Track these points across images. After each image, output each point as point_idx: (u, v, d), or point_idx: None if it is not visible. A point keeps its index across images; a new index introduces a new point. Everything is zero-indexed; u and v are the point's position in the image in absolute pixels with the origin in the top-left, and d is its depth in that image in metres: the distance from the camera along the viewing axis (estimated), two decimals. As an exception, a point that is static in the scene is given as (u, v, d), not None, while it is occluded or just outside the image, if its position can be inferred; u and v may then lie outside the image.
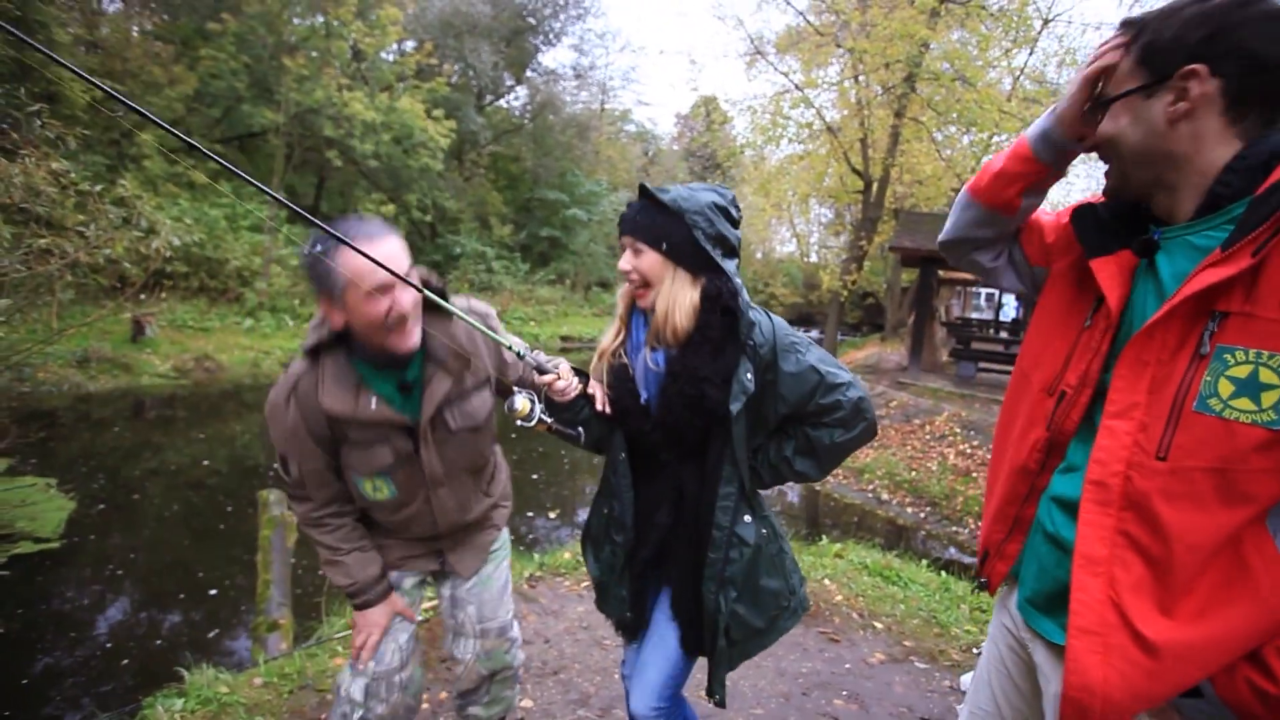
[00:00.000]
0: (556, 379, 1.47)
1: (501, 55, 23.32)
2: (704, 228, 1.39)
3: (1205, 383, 0.85)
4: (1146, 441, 0.89)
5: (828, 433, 1.47)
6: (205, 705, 2.37)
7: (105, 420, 9.27)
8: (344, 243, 1.27)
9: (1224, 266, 0.83)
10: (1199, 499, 0.86)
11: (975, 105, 11.72)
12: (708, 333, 1.40)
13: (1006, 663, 1.20)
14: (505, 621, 1.89)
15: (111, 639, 4.15)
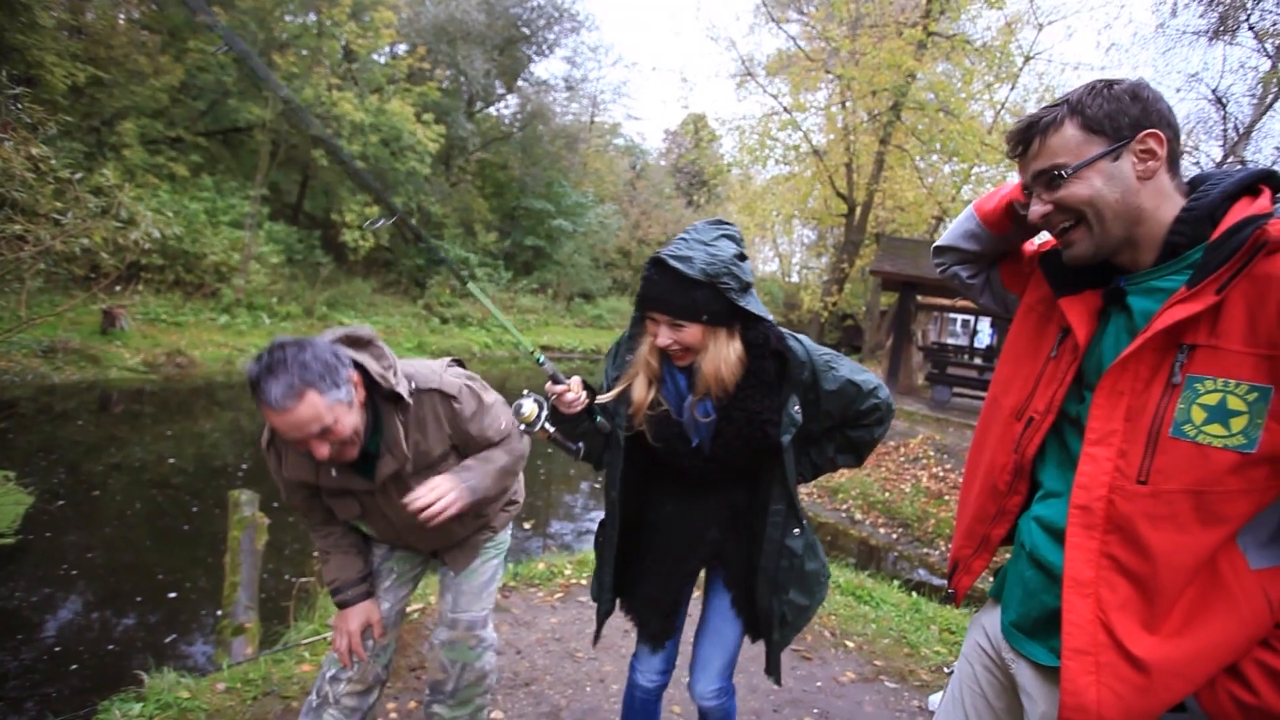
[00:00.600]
0: (567, 390, 1.53)
1: (494, 63, 23.37)
2: (733, 286, 1.44)
3: (1179, 410, 0.91)
4: (1127, 467, 0.95)
5: (866, 431, 1.63)
6: (164, 710, 2.30)
7: (69, 413, 9.01)
8: (262, 402, 1.42)
9: (1190, 303, 0.90)
10: (1179, 520, 0.92)
11: (958, 136, 12.01)
12: (762, 377, 1.50)
13: (981, 682, 1.22)
14: (476, 618, 1.94)
15: (61, 640, 4.01)
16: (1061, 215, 1.03)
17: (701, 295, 1.43)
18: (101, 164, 6.37)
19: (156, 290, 13.68)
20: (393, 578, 1.94)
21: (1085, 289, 1.10)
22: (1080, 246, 1.04)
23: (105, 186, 4.98)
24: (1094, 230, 1.01)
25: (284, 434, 1.44)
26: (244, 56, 1.33)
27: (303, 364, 1.42)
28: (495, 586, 2.02)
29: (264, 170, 16.26)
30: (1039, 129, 1.03)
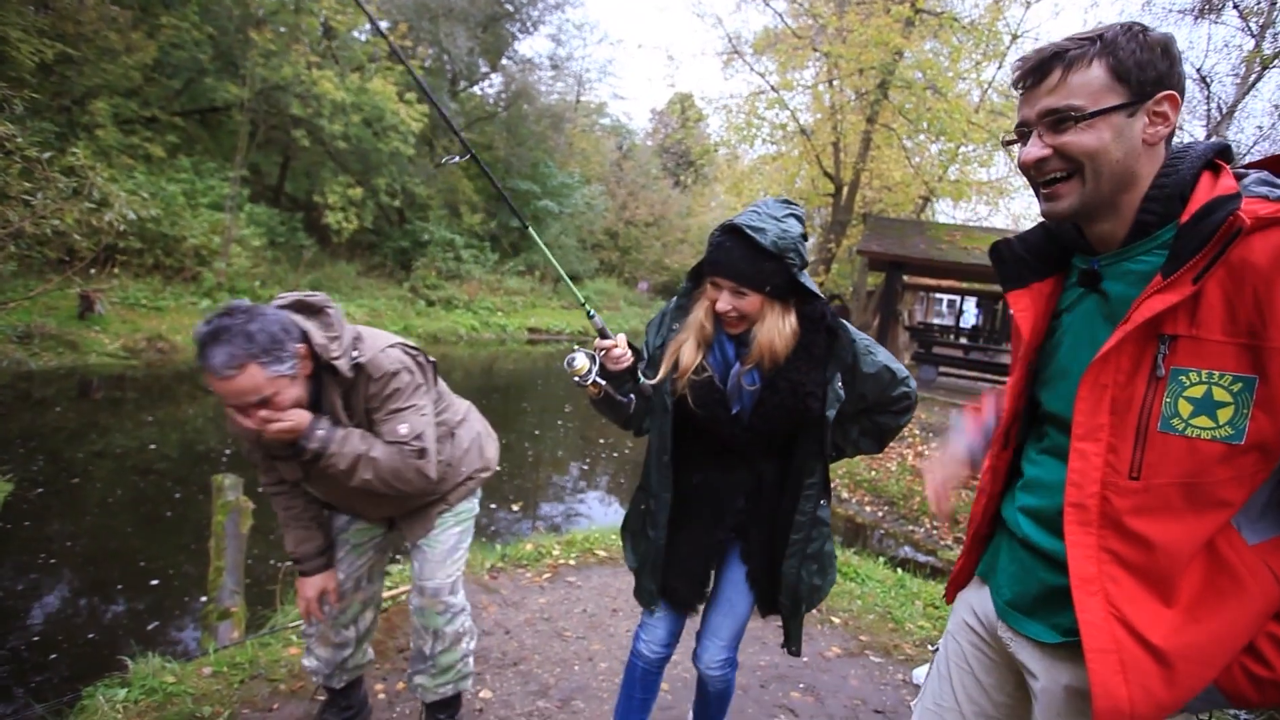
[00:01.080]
0: (614, 345, 1.58)
1: (477, 41, 22.95)
2: (798, 263, 1.53)
3: (1166, 404, 0.90)
4: (1118, 462, 0.93)
5: (893, 418, 1.70)
6: (150, 695, 2.29)
7: (48, 400, 8.87)
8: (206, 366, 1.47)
9: (1168, 293, 0.88)
10: (1172, 510, 0.91)
11: (945, 115, 11.98)
12: (812, 350, 1.56)
13: (969, 659, 1.22)
14: (441, 584, 1.98)
15: (47, 628, 3.98)
16: (1058, 163, 0.96)
17: (769, 267, 1.50)
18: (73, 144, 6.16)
19: (135, 274, 13.42)
20: (347, 548, 2.01)
21: (1032, 281, 1.08)
22: (1066, 201, 0.98)
23: (77, 166, 4.83)
24: (1086, 186, 0.96)
25: (225, 399, 1.51)
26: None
27: (248, 335, 1.46)
28: (461, 555, 2.05)
29: (243, 151, 15.93)
30: (1064, 60, 0.93)
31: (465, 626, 2.07)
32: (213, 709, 2.27)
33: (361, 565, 2.04)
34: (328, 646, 2.02)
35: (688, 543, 1.76)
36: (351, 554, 2.02)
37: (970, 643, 1.22)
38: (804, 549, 1.69)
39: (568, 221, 25.62)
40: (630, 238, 30.66)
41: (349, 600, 2.02)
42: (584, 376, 1.55)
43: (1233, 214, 0.85)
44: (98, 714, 2.15)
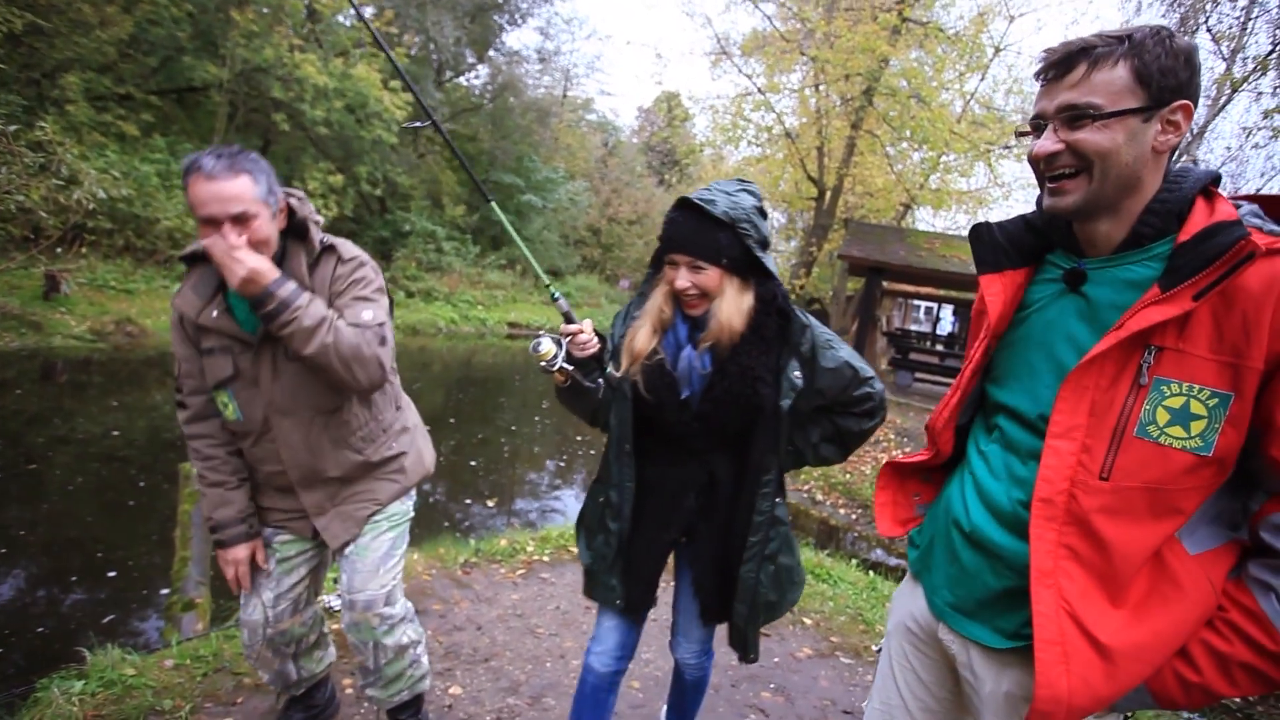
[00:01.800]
0: (580, 331, 1.54)
1: (464, 31, 22.72)
2: (753, 234, 1.49)
3: (1145, 411, 0.93)
4: (1090, 462, 0.96)
5: (856, 421, 1.62)
6: (109, 688, 2.23)
7: (9, 382, 8.60)
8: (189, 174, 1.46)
9: (1165, 306, 0.90)
10: (1134, 514, 0.95)
11: (928, 124, 12.13)
12: (763, 333, 1.51)
13: (911, 659, 1.25)
14: (374, 595, 1.80)
15: (3, 617, 3.86)
16: (1069, 159, 0.97)
17: (723, 238, 1.47)
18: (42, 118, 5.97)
19: (105, 255, 13.07)
20: (274, 566, 1.83)
21: (1007, 268, 1.10)
22: (1071, 198, 0.99)
23: (45, 142, 4.69)
24: (1092, 184, 0.97)
25: (203, 206, 1.45)
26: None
27: (248, 155, 1.52)
28: (395, 562, 1.87)
29: (221, 133, 15.60)
30: (1090, 57, 0.94)
31: (409, 636, 1.92)
32: (174, 702, 2.22)
33: (295, 586, 1.86)
34: (269, 669, 1.90)
35: (639, 541, 1.68)
36: (280, 571, 1.84)
37: (911, 644, 1.25)
38: (762, 550, 1.62)
39: (551, 217, 25.49)
40: (613, 235, 30.59)
41: (285, 625, 1.86)
42: (550, 361, 1.52)
43: (1243, 239, 0.87)
44: (52, 706, 2.08)
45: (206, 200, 1.45)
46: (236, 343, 1.64)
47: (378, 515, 1.85)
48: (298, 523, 1.81)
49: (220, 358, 1.64)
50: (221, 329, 1.62)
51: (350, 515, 1.81)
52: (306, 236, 1.66)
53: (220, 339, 1.63)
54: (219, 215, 1.46)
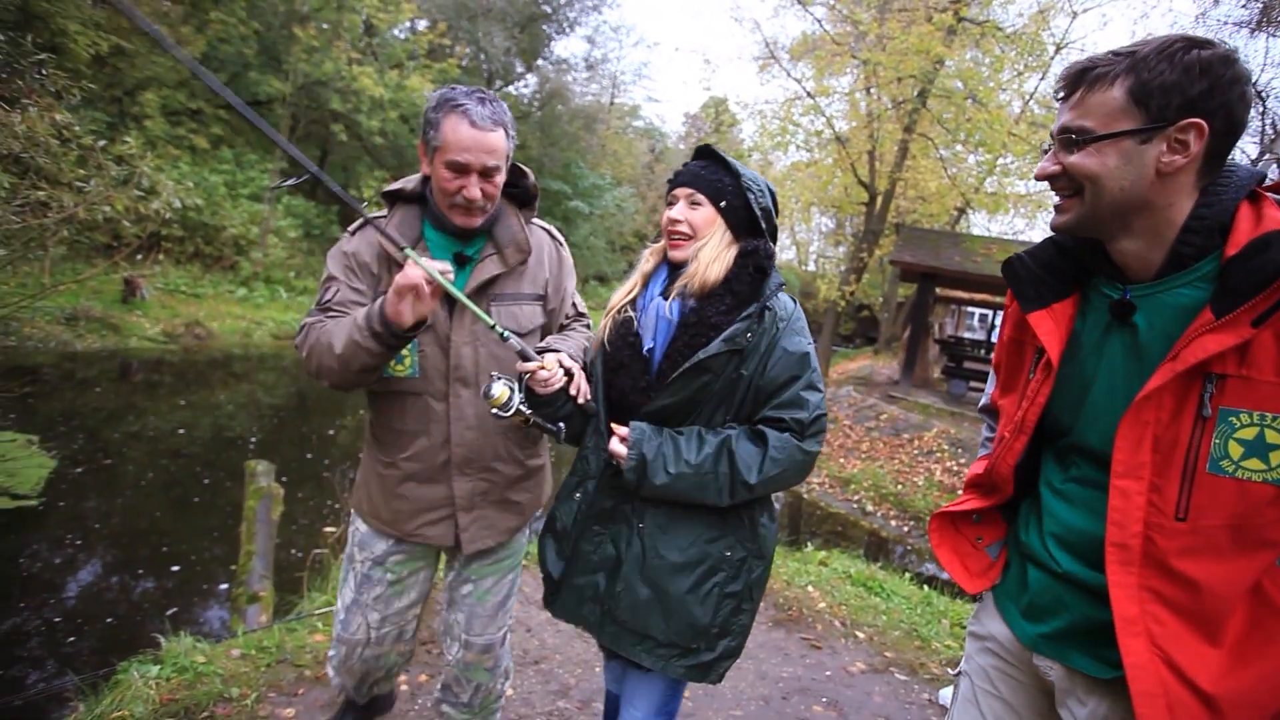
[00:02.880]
0: (540, 368, 1.39)
1: (514, 41, 23.19)
2: (758, 198, 1.45)
3: (1215, 445, 0.87)
4: (1163, 503, 0.90)
5: (777, 435, 1.37)
6: (181, 674, 2.33)
7: (90, 380, 9.15)
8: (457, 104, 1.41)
9: (1222, 334, 0.84)
10: (1218, 551, 0.89)
11: (985, 125, 11.78)
12: (734, 285, 1.40)
13: (999, 684, 1.19)
14: (492, 639, 1.74)
15: (80, 602, 4.10)
16: (1065, 181, 0.96)
17: (729, 183, 1.44)
18: (123, 133, 6.40)
19: (176, 261, 13.81)
20: (384, 586, 1.66)
21: (1053, 302, 1.05)
22: (1065, 216, 0.98)
23: (127, 155, 5.00)
24: (1084, 208, 0.95)
25: (461, 152, 1.39)
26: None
27: (501, 104, 1.48)
28: (512, 602, 1.79)
29: (283, 144, 16.26)
30: (1087, 80, 0.92)
31: (508, 665, 1.87)
32: (240, 690, 2.31)
33: (404, 610, 1.70)
34: (348, 680, 1.80)
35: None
36: (390, 594, 1.67)
37: (994, 666, 1.19)
38: None
39: (597, 223, 25.73)
40: (659, 241, 30.65)
41: (385, 649, 1.72)
42: (503, 408, 1.36)
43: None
44: (131, 689, 2.19)
45: (469, 147, 1.40)
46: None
47: (502, 551, 1.72)
48: (436, 527, 1.61)
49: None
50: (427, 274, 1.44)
51: (493, 522, 1.65)
52: (530, 205, 1.65)
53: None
54: (473, 164, 1.42)
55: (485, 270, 1.55)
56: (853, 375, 15.23)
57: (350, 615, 1.68)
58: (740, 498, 1.37)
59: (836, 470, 9.09)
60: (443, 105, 1.42)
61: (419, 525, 1.61)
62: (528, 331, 1.62)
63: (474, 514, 1.62)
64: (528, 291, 1.63)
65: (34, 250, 5.26)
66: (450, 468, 1.58)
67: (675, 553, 1.39)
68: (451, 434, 1.55)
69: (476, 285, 1.53)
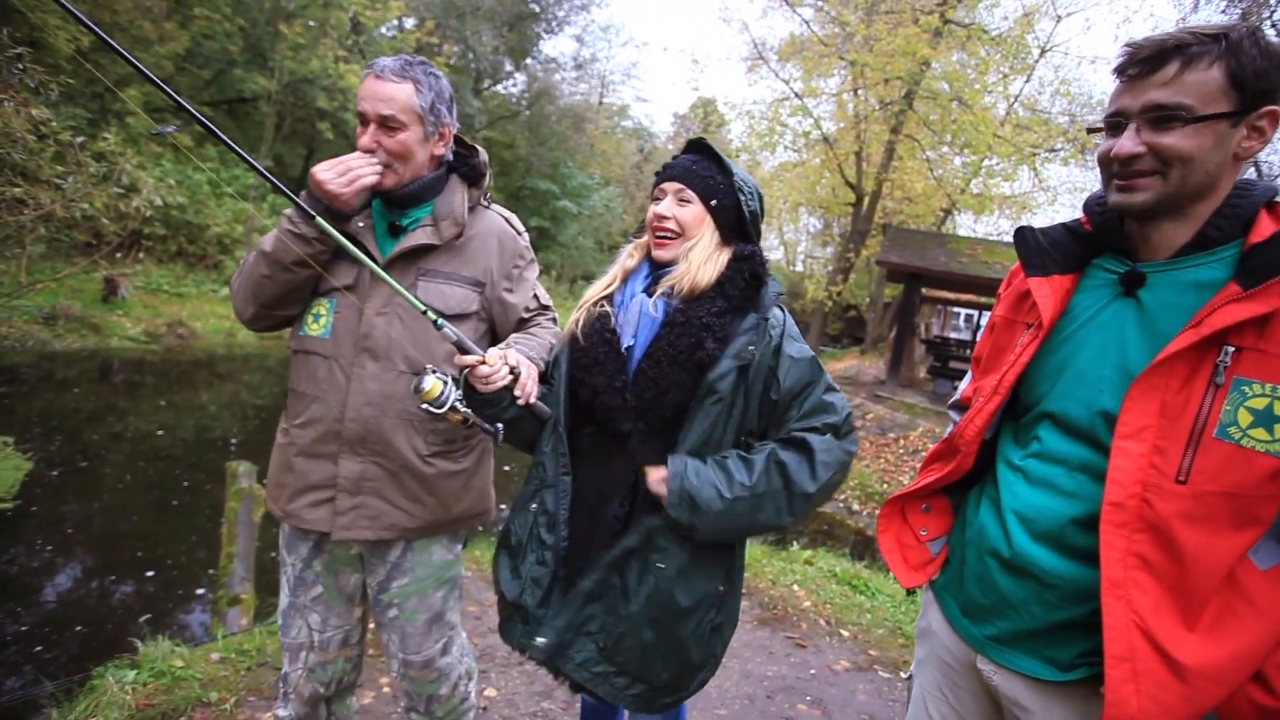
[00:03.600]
0: (481, 363, 1.29)
1: (503, 40, 23.11)
2: (749, 200, 1.39)
3: (1225, 411, 0.88)
4: (1165, 464, 0.90)
5: (819, 438, 1.28)
6: (159, 678, 2.30)
7: (69, 381, 9.01)
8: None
9: (1250, 304, 0.87)
10: (1214, 522, 0.89)
11: (970, 127, 11.89)
12: (727, 289, 1.32)
13: (946, 693, 1.18)
14: (430, 655, 1.65)
15: (58, 607, 4.03)
16: (1150, 161, 0.93)
17: (721, 181, 1.37)
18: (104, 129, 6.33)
19: (159, 260, 13.62)
20: (320, 588, 1.59)
21: (1055, 272, 1.07)
22: (1142, 195, 0.95)
23: (107, 152, 4.92)
24: (1168, 187, 0.94)
25: (360, 101, 1.44)
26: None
27: (428, 68, 1.48)
28: (450, 616, 1.69)
29: (269, 142, 16.14)
30: (1184, 55, 0.89)
31: (463, 670, 1.76)
32: (219, 694, 2.28)
33: (345, 612, 1.63)
34: (300, 704, 1.67)
35: (572, 565, 1.39)
36: (329, 595, 1.60)
37: (943, 674, 1.18)
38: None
39: (585, 222, 25.70)
40: (648, 241, 30.67)
41: (331, 655, 1.63)
42: (435, 403, 1.27)
43: None
44: (107, 694, 2.16)
45: (365, 95, 1.43)
46: (369, 258, 1.41)
47: (420, 570, 1.60)
48: (316, 510, 1.50)
49: (343, 265, 1.48)
50: (360, 238, 1.47)
51: (378, 514, 1.51)
52: (479, 184, 1.62)
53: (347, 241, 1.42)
54: (369, 113, 1.43)
55: (415, 238, 1.48)
56: (839, 375, 15.31)
57: (289, 619, 1.60)
58: (801, 512, 1.29)
59: (823, 470, 9.15)
60: (370, 64, 1.46)
61: (299, 505, 1.51)
62: (455, 315, 1.51)
63: (356, 499, 1.49)
64: (464, 274, 1.54)
65: (10, 248, 5.17)
66: (340, 443, 1.48)
67: (686, 596, 1.30)
68: (348, 406, 1.46)
69: (401, 252, 1.47)
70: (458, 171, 1.60)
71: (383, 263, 1.46)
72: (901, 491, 1.26)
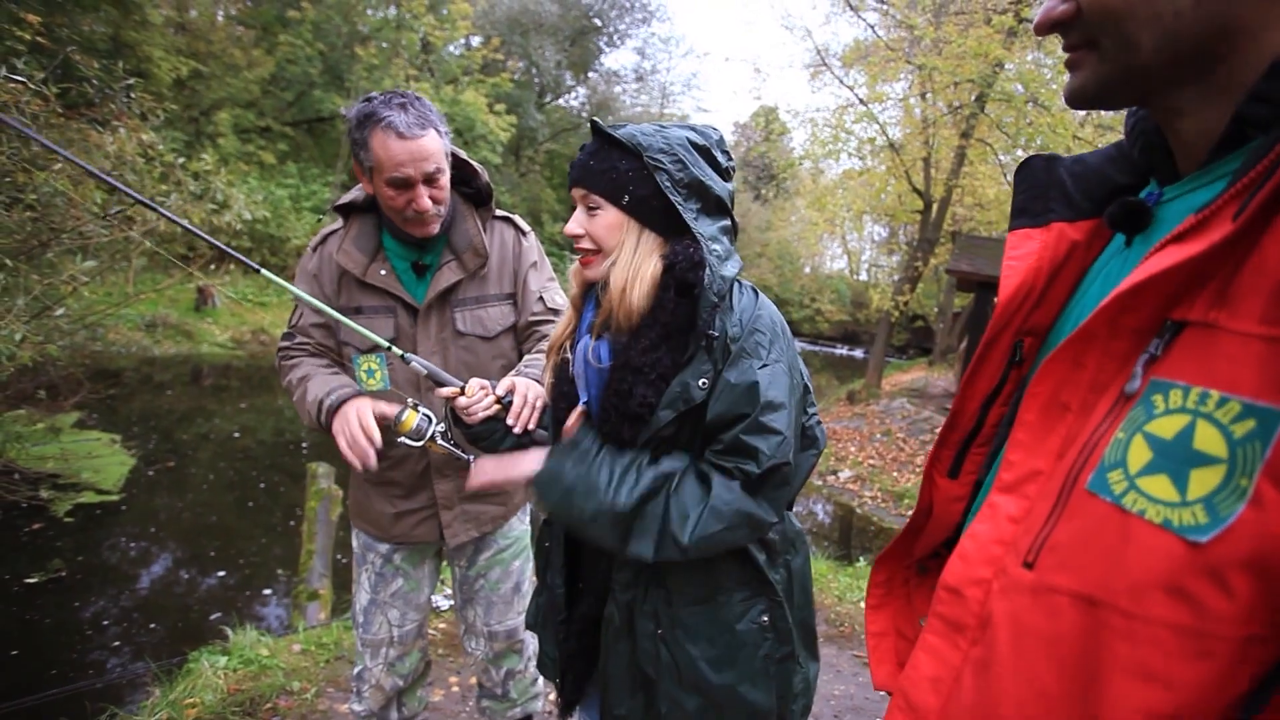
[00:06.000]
0: (459, 394, 1.22)
1: (565, 54, 23.62)
2: (671, 171, 1.04)
3: (1115, 442, 0.47)
4: (1024, 534, 0.52)
5: (722, 480, 1.03)
6: (247, 665, 2.43)
7: (165, 384, 9.69)
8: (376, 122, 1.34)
9: (1190, 241, 0.46)
10: (1055, 652, 0.47)
11: (1048, 129, 11.37)
12: (658, 315, 1.05)
13: None
14: (515, 624, 1.79)
15: (152, 592, 4.32)
16: (1079, 31, 0.55)
17: (626, 168, 1.05)
18: (199, 151, 6.89)
19: (244, 271, 14.50)
20: (401, 580, 1.68)
21: (1054, 220, 0.65)
22: (1079, 77, 0.56)
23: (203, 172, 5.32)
24: (1104, 61, 0.54)
25: (397, 168, 1.34)
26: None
27: (424, 102, 1.42)
28: (527, 588, 1.79)
29: (344, 158, 16.97)
30: None
31: (535, 648, 1.74)
32: (301, 684, 2.39)
33: (422, 604, 1.74)
34: (378, 700, 1.73)
35: (549, 621, 1.28)
36: (408, 588, 1.69)
37: None
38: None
39: (645, 232, 25.87)
40: (706, 250, 30.56)
41: (407, 648, 1.73)
42: (413, 434, 1.24)
43: None
44: (202, 678, 2.30)
45: (404, 160, 1.34)
46: (400, 305, 1.51)
47: (501, 542, 1.75)
48: (423, 525, 1.63)
49: (381, 319, 1.50)
50: (389, 288, 1.50)
51: (474, 515, 1.66)
52: (486, 204, 1.59)
53: (383, 299, 1.51)
54: (414, 176, 1.36)
55: (444, 278, 1.52)
56: (906, 387, 14.84)
57: (370, 616, 1.68)
58: (669, 557, 1.03)
59: (889, 484, 8.84)
60: (365, 123, 1.35)
61: (405, 527, 1.64)
62: (497, 334, 1.59)
63: (456, 510, 1.64)
64: (494, 292, 1.60)
65: (119, 261, 5.61)
66: (430, 471, 1.60)
67: (705, 644, 1.11)
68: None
69: (436, 294, 1.52)
70: (462, 195, 1.59)
71: (420, 307, 1.52)
72: (896, 545, 0.84)
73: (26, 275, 4.10)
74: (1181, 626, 0.41)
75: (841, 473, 9.34)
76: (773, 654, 1.15)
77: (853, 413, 12.33)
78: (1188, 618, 0.41)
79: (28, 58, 4.04)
